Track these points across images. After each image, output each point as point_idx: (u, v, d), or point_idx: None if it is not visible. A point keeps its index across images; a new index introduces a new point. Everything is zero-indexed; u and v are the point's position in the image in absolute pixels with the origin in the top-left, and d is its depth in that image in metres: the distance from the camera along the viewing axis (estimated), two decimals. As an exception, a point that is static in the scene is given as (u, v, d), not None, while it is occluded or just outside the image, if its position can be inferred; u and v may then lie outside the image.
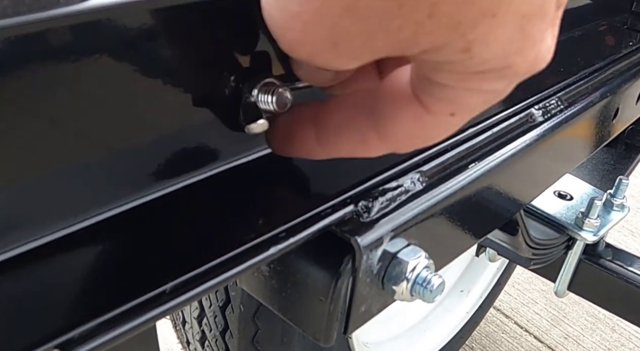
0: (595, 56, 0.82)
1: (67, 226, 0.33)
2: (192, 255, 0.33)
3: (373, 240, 0.39)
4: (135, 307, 0.29)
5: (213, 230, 0.36)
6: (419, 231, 0.43)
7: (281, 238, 0.35)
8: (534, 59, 0.30)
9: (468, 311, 1.83)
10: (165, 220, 0.36)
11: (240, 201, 0.38)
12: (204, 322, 1.15)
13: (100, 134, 0.32)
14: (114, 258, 0.33)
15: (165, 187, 0.37)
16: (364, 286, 0.40)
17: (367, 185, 0.42)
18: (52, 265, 0.31)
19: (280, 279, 0.41)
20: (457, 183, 0.47)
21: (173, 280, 0.31)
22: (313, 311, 0.40)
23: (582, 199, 1.10)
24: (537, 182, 0.66)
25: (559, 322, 2.12)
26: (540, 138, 0.58)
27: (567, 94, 0.68)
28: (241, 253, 0.34)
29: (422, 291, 0.42)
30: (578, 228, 1.04)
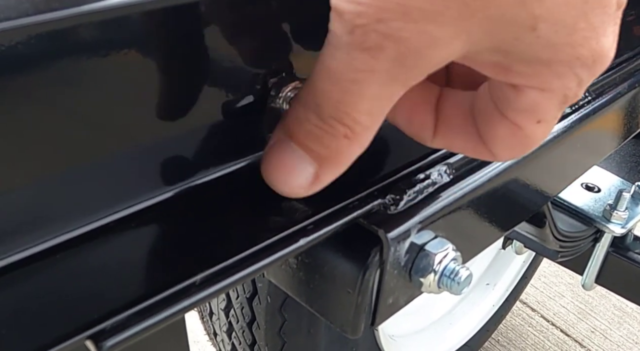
0: (624, 46, 0.81)
1: (98, 219, 0.33)
2: (221, 247, 0.33)
3: (401, 233, 0.39)
4: (166, 299, 0.30)
5: (242, 223, 0.36)
6: (446, 223, 0.43)
7: (309, 231, 0.36)
8: (599, 53, 0.31)
9: (494, 304, 1.83)
10: (194, 212, 0.36)
11: (269, 194, 0.39)
12: (231, 314, 1.16)
13: (131, 128, 0.33)
14: (145, 251, 0.33)
15: (195, 180, 0.37)
16: (391, 278, 0.40)
17: (395, 178, 0.42)
18: (83, 257, 0.32)
19: (307, 271, 0.41)
20: (485, 176, 0.47)
21: (203, 272, 0.31)
22: (340, 303, 0.40)
23: (609, 191, 1.09)
24: (565, 174, 0.65)
25: (586, 316, 2.11)
26: (568, 130, 0.58)
27: (595, 85, 0.68)
28: (270, 245, 0.34)
29: (449, 284, 0.42)
30: (606, 220, 1.04)
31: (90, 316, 0.28)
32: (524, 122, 0.34)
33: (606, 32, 0.31)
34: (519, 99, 0.33)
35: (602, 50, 0.31)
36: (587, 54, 0.31)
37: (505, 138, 0.35)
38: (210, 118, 0.36)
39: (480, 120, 0.36)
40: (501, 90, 0.34)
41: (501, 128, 0.35)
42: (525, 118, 0.34)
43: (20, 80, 0.26)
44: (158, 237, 0.34)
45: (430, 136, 0.39)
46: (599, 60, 0.32)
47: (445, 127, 0.38)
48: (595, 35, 0.31)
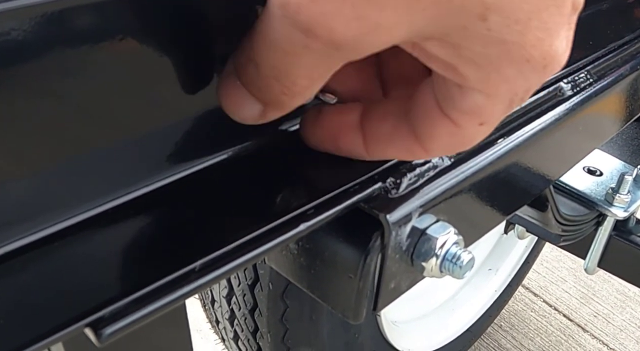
0: (624, 29, 0.80)
1: (96, 206, 0.33)
2: (220, 232, 0.33)
3: (402, 216, 0.39)
4: (164, 285, 0.29)
5: (241, 208, 0.36)
6: (447, 207, 0.43)
7: (310, 215, 0.35)
8: (552, 56, 0.30)
9: (496, 289, 1.83)
10: (193, 198, 0.36)
11: (268, 179, 0.38)
12: (232, 301, 1.16)
13: (130, 115, 0.32)
14: (142, 237, 0.33)
15: (193, 165, 0.37)
16: (393, 262, 0.40)
17: (395, 161, 0.42)
18: (81, 245, 0.32)
19: (308, 257, 0.41)
20: (486, 159, 0.46)
21: (202, 258, 0.31)
22: (342, 288, 0.40)
23: (612, 175, 1.09)
24: (567, 157, 0.65)
25: (589, 300, 2.11)
26: (570, 113, 0.57)
27: (597, 68, 0.67)
28: (270, 230, 0.34)
29: (451, 268, 0.41)
30: (608, 204, 1.03)
31: (89, 304, 0.28)
32: (466, 123, 0.33)
33: (560, 35, 0.30)
34: (463, 100, 0.32)
35: (554, 54, 0.30)
36: (538, 56, 0.30)
37: (444, 137, 0.35)
38: (207, 105, 0.36)
39: (418, 119, 0.35)
40: (446, 89, 0.33)
41: (441, 127, 0.34)
42: (467, 119, 0.33)
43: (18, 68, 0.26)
44: (156, 223, 0.34)
45: (364, 151, 0.38)
46: (550, 64, 0.31)
47: (374, 138, 0.38)
48: (548, 37, 0.29)
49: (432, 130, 0.35)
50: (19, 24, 0.25)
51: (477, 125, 0.33)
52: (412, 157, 0.38)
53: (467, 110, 0.33)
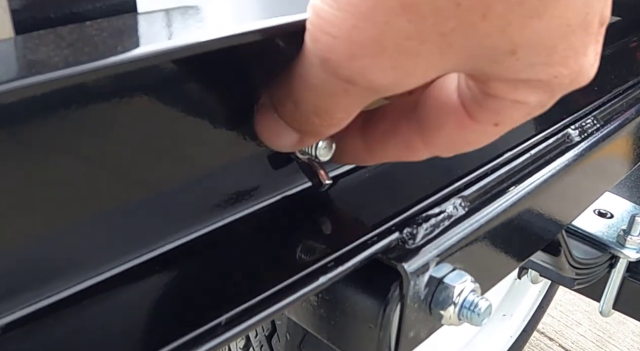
0: (628, 73, 0.81)
1: (121, 263, 0.34)
2: (244, 287, 0.34)
3: (419, 266, 0.39)
4: (193, 339, 0.30)
5: (263, 262, 0.37)
6: (463, 255, 0.44)
7: (330, 268, 0.36)
8: (578, 72, 0.31)
9: (512, 335, 1.81)
10: (215, 254, 0.37)
11: (288, 233, 0.39)
12: (250, 352, 1.16)
13: (153, 173, 0.33)
14: (169, 293, 0.34)
15: (214, 222, 0.38)
16: (412, 312, 0.41)
17: (411, 212, 0.43)
18: (110, 301, 0.32)
19: (328, 308, 0.42)
20: (499, 207, 0.47)
21: (228, 312, 0.32)
22: (363, 338, 0.41)
23: (622, 217, 1.09)
24: (578, 201, 0.65)
25: (605, 343, 2.08)
26: (579, 158, 0.58)
27: (603, 112, 0.68)
28: (292, 283, 0.34)
29: (469, 315, 0.42)
30: (620, 246, 1.03)
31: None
32: (483, 119, 0.33)
33: (587, 52, 0.31)
34: (488, 100, 0.32)
35: (580, 69, 0.31)
36: (565, 73, 0.30)
37: (452, 129, 0.34)
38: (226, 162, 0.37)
39: (427, 107, 0.35)
40: (473, 89, 0.33)
41: (453, 117, 0.34)
42: (486, 116, 0.33)
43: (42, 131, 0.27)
44: (181, 279, 0.35)
45: (366, 154, 0.39)
46: (577, 79, 0.31)
47: (374, 138, 0.38)
48: (574, 55, 0.30)
49: (440, 120, 0.34)
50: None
51: (492, 124, 0.33)
52: (410, 155, 0.37)
53: (489, 108, 0.33)
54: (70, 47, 0.27)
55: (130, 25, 0.31)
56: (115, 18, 0.32)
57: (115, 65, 0.25)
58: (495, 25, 0.27)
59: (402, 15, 0.26)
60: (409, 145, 0.36)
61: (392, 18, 0.26)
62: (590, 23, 0.30)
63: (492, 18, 0.27)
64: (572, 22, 0.29)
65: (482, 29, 0.27)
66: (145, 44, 0.28)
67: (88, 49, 0.26)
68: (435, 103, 0.35)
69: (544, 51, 0.29)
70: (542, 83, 0.31)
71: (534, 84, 0.31)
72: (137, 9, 0.34)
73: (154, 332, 0.31)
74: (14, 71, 0.25)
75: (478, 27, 0.27)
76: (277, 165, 0.40)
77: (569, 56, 0.30)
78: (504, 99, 0.32)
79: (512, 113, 0.33)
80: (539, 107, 0.33)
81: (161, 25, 0.32)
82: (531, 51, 0.29)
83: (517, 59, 0.29)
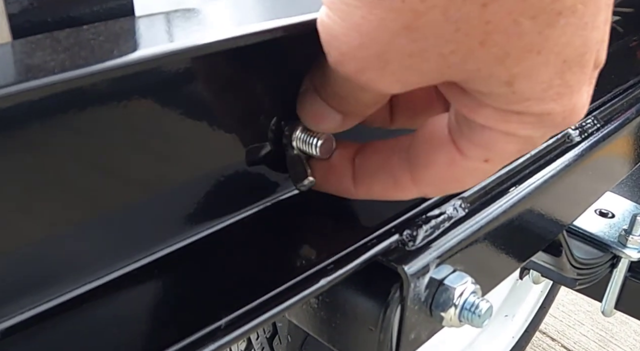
0: (628, 72, 0.81)
1: (121, 267, 0.34)
2: (244, 290, 0.34)
3: (419, 268, 0.39)
4: (193, 342, 0.30)
5: (262, 265, 0.36)
6: (464, 257, 0.44)
7: (330, 270, 0.36)
8: (571, 110, 0.31)
9: (514, 336, 1.81)
10: (215, 257, 0.37)
11: (288, 236, 0.39)
12: (251, 355, 1.16)
13: (152, 176, 0.33)
14: (169, 296, 0.34)
15: (213, 225, 0.38)
16: (412, 314, 0.41)
17: (411, 214, 0.43)
18: (110, 305, 0.32)
19: (329, 310, 0.42)
20: (499, 208, 0.47)
21: (227, 315, 0.32)
22: (363, 341, 0.40)
23: (624, 216, 1.09)
24: (578, 201, 0.65)
25: (607, 343, 2.08)
26: (579, 158, 0.58)
27: (603, 112, 0.68)
28: (292, 286, 0.34)
29: (470, 317, 0.42)
30: (622, 245, 1.03)
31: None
32: (472, 154, 0.34)
33: (580, 91, 0.31)
34: (478, 133, 0.33)
35: (573, 108, 0.31)
36: (558, 109, 0.31)
37: (442, 166, 0.35)
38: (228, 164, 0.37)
39: (419, 144, 0.36)
40: (465, 121, 0.33)
41: (443, 154, 0.34)
42: (475, 151, 0.34)
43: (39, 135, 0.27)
44: (180, 283, 0.35)
45: (352, 185, 0.39)
46: (569, 117, 0.32)
47: (363, 171, 0.38)
48: (569, 92, 0.30)
49: (430, 157, 0.35)
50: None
51: (482, 160, 0.34)
52: (397, 192, 0.38)
53: (479, 142, 0.33)
54: (67, 51, 0.27)
55: (127, 28, 0.31)
56: (112, 22, 0.32)
57: (111, 69, 0.25)
58: (493, 54, 0.28)
59: (405, 35, 0.28)
60: (397, 181, 0.37)
61: (395, 38, 0.28)
62: (587, 62, 0.30)
63: (490, 46, 0.28)
64: (570, 59, 0.29)
65: (480, 56, 0.28)
66: (143, 47, 0.28)
67: (84, 53, 0.26)
68: (426, 139, 0.36)
69: (539, 86, 0.30)
70: (534, 117, 0.31)
71: (526, 118, 0.31)
72: (134, 12, 0.34)
73: (154, 336, 0.31)
74: (10, 76, 0.25)
75: (476, 54, 0.28)
76: (276, 167, 0.40)
77: (564, 93, 0.30)
78: (494, 130, 0.32)
79: (502, 148, 0.33)
80: (529, 143, 0.33)
81: (159, 29, 0.32)
82: (527, 84, 0.29)
83: (513, 91, 0.30)
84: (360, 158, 0.39)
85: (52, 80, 0.24)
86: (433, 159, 0.35)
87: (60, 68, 0.24)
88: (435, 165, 0.35)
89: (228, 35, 0.31)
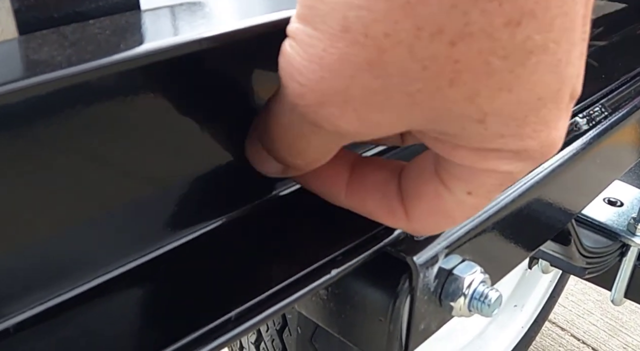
0: (635, 60, 0.81)
1: (130, 261, 0.34)
2: (254, 282, 0.34)
3: (428, 258, 0.39)
4: (203, 335, 0.30)
5: (272, 257, 0.37)
6: (472, 246, 0.44)
7: (339, 261, 0.36)
8: (549, 146, 0.30)
9: (523, 326, 1.81)
10: (225, 250, 0.37)
11: (296, 227, 0.39)
12: (261, 347, 1.16)
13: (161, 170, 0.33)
14: (179, 289, 0.34)
15: (223, 217, 0.38)
16: (422, 304, 0.41)
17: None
18: (120, 298, 0.33)
19: (338, 301, 0.42)
20: (507, 197, 0.47)
21: (237, 307, 0.32)
22: (373, 331, 0.41)
23: (632, 204, 1.08)
24: (587, 190, 0.65)
25: (617, 332, 2.08)
26: (587, 147, 0.58)
27: (610, 100, 0.68)
28: (302, 277, 0.34)
29: (480, 306, 0.42)
30: (631, 234, 1.03)
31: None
32: (454, 187, 0.33)
33: (557, 125, 0.30)
34: (458, 169, 0.32)
35: (551, 143, 0.30)
36: (536, 146, 0.30)
37: (429, 198, 0.34)
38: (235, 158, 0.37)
39: (410, 174, 0.35)
40: (442, 156, 0.32)
41: (429, 185, 0.34)
42: (456, 184, 0.33)
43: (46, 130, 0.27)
44: (192, 275, 0.35)
45: (343, 192, 0.38)
46: (547, 151, 0.31)
47: (359, 184, 0.37)
48: (545, 129, 0.29)
49: (419, 188, 0.34)
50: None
51: (465, 193, 0.33)
52: (389, 219, 0.37)
53: (460, 176, 0.32)
54: (74, 46, 0.27)
55: (133, 22, 0.31)
56: (118, 16, 0.32)
57: (118, 62, 0.25)
58: (462, 93, 0.27)
59: (368, 71, 0.26)
60: (391, 209, 0.36)
61: (358, 73, 0.27)
62: (562, 98, 0.29)
63: (460, 86, 0.27)
64: (544, 96, 0.28)
65: (449, 95, 0.27)
66: (149, 41, 0.28)
67: (91, 48, 0.26)
68: (416, 171, 0.35)
69: (513, 122, 0.28)
70: (512, 154, 0.30)
71: (503, 155, 0.30)
72: (140, 6, 0.34)
73: (165, 328, 0.31)
74: (17, 71, 0.25)
75: (445, 93, 0.27)
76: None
77: (540, 130, 0.29)
78: (472, 168, 0.31)
79: (483, 182, 0.32)
80: (509, 178, 0.32)
81: (164, 22, 0.32)
82: (500, 122, 0.28)
83: (485, 128, 0.28)
84: (359, 171, 0.38)
85: (60, 75, 0.24)
86: (422, 191, 0.34)
87: (67, 63, 0.24)
88: (424, 197, 0.34)
89: (234, 28, 0.31)
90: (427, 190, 0.34)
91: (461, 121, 0.28)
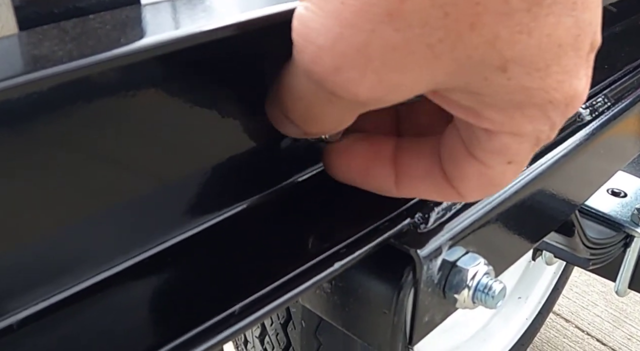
0: (638, 50, 0.81)
1: (134, 256, 0.34)
2: (257, 275, 0.34)
3: (432, 250, 0.39)
4: (207, 329, 0.30)
5: (275, 251, 0.37)
6: (476, 238, 0.44)
7: (342, 254, 0.36)
8: (572, 97, 0.31)
9: (527, 317, 1.81)
10: (227, 244, 0.37)
11: (299, 220, 0.39)
12: (266, 341, 1.16)
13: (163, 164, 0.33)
14: (183, 284, 0.34)
15: (225, 212, 0.38)
16: (426, 296, 0.41)
17: (422, 196, 0.42)
18: (124, 293, 0.33)
19: (342, 294, 0.42)
20: (511, 188, 0.47)
21: (241, 301, 0.32)
22: (377, 324, 0.41)
23: (636, 195, 1.08)
24: (590, 181, 0.65)
25: (621, 323, 2.08)
26: (590, 137, 0.58)
27: (613, 91, 0.68)
28: (305, 270, 0.34)
29: (484, 298, 0.42)
30: (635, 224, 1.03)
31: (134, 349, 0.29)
32: (494, 162, 0.33)
33: (579, 75, 0.30)
34: (490, 141, 0.32)
35: (575, 94, 0.31)
36: (560, 97, 0.30)
37: (474, 177, 0.34)
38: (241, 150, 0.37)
39: (447, 160, 0.36)
40: (471, 131, 0.33)
41: (469, 167, 0.34)
42: (495, 159, 0.33)
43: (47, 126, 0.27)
44: (195, 269, 0.35)
45: (393, 187, 0.38)
46: (572, 103, 0.31)
47: (407, 176, 0.37)
48: (568, 79, 0.30)
49: (461, 172, 0.35)
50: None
51: (505, 163, 0.33)
52: (445, 199, 0.38)
53: (494, 150, 0.33)
54: (74, 41, 0.27)
55: (133, 17, 0.31)
56: (119, 10, 0.32)
57: (119, 57, 0.25)
58: (483, 37, 0.27)
59: (389, 23, 0.26)
60: (441, 191, 0.37)
61: (378, 26, 0.26)
62: (581, 45, 0.30)
63: (480, 29, 0.27)
64: (564, 42, 0.28)
65: (470, 40, 0.27)
66: (149, 35, 0.28)
67: (92, 42, 0.26)
68: (451, 158, 0.35)
69: (536, 72, 0.29)
70: (537, 109, 0.30)
71: (529, 111, 0.30)
72: (140, 0, 0.34)
73: (169, 323, 0.31)
74: (18, 66, 0.25)
75: (466, 39, 0.27)
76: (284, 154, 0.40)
77: (563, 80, 0.30)
78: (502, 133, 0.31)
79: (517, 148, 0.32)
80: (541, 138, 0.32)
81: (165, 16, 0.32)
82: (523, 69, 0.28)
83: (508, 77, 0.28)
84: (403, 162, 0.38)
85: (61, 70, 0.24)
86: (465, 174, 0.35)
87: (68, 57, 0.24)
88: (468, 179, 0.35)
89: (234, 21, 0.30)
90: (470, 172, 0.34)
91: (483, 70, 0.28)
